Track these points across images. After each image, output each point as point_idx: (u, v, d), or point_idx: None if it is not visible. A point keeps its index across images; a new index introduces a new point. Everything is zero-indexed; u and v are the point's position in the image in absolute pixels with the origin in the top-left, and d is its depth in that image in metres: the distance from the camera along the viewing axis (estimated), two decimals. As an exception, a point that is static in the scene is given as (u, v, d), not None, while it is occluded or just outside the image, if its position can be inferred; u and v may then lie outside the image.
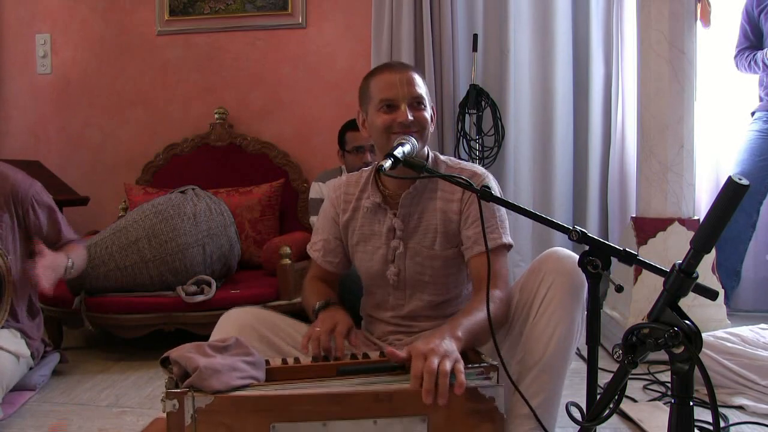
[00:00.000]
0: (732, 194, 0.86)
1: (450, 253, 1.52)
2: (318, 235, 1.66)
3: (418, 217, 1.53)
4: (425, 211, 1.52)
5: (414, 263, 1.53)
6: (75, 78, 3.52)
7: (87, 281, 2.39)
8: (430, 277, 1.54)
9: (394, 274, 1.54)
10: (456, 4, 3.08)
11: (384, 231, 1.55)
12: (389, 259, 1.55)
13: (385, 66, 1.54)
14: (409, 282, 1.55)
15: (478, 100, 3.00)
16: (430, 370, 1.10)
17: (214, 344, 1.25)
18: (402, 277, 1.55)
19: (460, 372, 1.12)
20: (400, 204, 1.52)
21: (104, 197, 3.39)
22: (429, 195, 1.52)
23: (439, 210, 1.51)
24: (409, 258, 1.53)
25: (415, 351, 1.15)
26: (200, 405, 1.13)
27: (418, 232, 1.53)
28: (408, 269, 1.54)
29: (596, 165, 3.12)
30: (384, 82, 1.46)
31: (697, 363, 0.88)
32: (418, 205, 1.52)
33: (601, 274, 1.06)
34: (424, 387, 1.10)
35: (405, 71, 1.48)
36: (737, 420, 1.73)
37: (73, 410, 1.91)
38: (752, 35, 2.83)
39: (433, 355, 1.12)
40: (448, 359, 1.13)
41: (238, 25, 3.36)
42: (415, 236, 1.53)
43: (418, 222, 1.53)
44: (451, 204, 1.50)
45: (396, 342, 1.58)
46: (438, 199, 1.52)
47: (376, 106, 1.46)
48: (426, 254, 1.52)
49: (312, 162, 3.31)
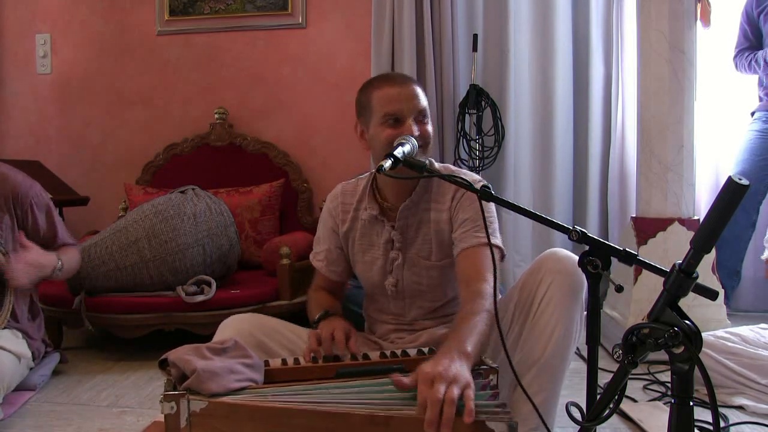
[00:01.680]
0: (732, 194, 0.86)
1: (446, 262, 1.52)
2: (320, 245, 1.66)
3: (416, 228, 1.53)
4: (422, 222, 1.52)
5: (411, 273, 1.54)
6: (75, 78, 3.52)
7: (87, 281, 2.39)
8: (427, 287, 1.55)
9: (392, 285, 1.55)
10: (456, 4, 3.07)
11: (382, 242, 1.55)
12: (387, 270, 1.55)
13: (387, 78, 1.53)
14: (408, 291, 1.56)
15: (478, 100, 3.00)
16: (434, 399, 1.01)
17: (213, 346, 1.25)
18: (400, 287, 1.55)
19: (469, 399, 1.03)
20: (398, 216, 1.52)
21: (104, 197, 3.39)
22: (424, 206, 1.52)
23: (432, 221, 1.51)
24: (407, 269, 1.54)
25: (422, 374, 1.07)
26: (195, 409, 1.12)
27: (416, 244, 1.53)
28: (405, 279, 1.54)
29: (596, 165, 3.12)
30: (388, 96, 1.44)
31: (697, 363, 0.88)
32: (414, 217, 1.52)
33: (601, 274, 1.06)
34: (427, 418, 1.01)
35: (408, 84, 1.46)
36: (737, 420, 1.73)
37: (73, 410, 1.91)
38: (752, 36, 2.83)
39: (440, 381, 1.03)
40: (457, 385, 1.04)
41: (238, 25, 3.36)
42: (413, 247, 1.53)
43: (415, 233, 1.53)
44: (441, 213, 1.50)
45: (398, 340, 1.58)
46: (432, 211, 1.52)
47: (379, 120, 1.44)
48: (423, 265, 1.53)
49: (312, 162, 3.31)
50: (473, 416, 1.01)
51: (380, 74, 1.54)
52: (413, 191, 1.51)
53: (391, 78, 1.54)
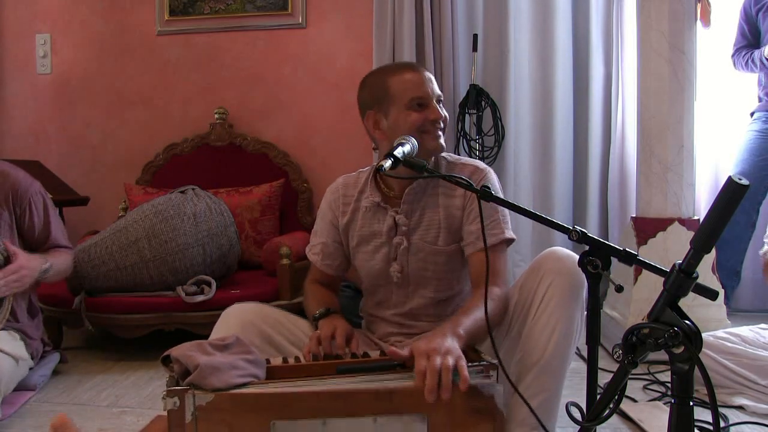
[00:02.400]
0: (732, 194, 0.86)
1: (453, 248, 1.53)
2: (316, 238, 1.66)
3: (421, 213, 1.53)
4: (428, 207, 1.53)
5: (417, 259, 1.54)
6: (75, 78, 3.52)
7: (87, 281, 2.39)
8: (432, 273, 1.55)
9: (397, 272, 1.55)
10: (456, 4, 3.07)
11: (385, 230, 1.55)
12: (392, 257, 1.55)
13: (404, 66, 1.57)
14: (413, 278, 1.56)
15: (478, 100, 3.00)
16: (432, 369, 1.11)
17: (215, 342, 1.26)
18: (405, 273, 1.55)
19: (463, 368, 1.13)
20: (403, 200, 1.53)
21: (104, 197, 3.38)
22: (431, 191, 1.53)
23: (441, 206, 1.52)
24: (412, 254, 1.54)
25: (417, 349, 1.16)
26: (201, 403, 1.13)
27: (421, 228, 1.53)
28: (411, 265, 1.54)
29: (596, 165, 3.12)
30: (411, 82, 1.47)
31: (697, 363, 0.88)
32: (420, 201, 1.53)
33: (601, 274, 1.06)
34: (427, 385, 1.10)
35: (424, 70, 1.52)
36: (737, 420, 1.73)
37: (73, 410, 1.90)
38: (750, 34, 2.83)
39: (435, 354, 1.13)
40: (451, 356, 1.13)
41: (238, 25, 3.36)
42: (418, 232, 1.53)
43: (420, 218, 1.53)
44: (454, 199, 1.51)
45: (396, 344, 1.57)
46: (440, 195, 1.53)
47: (405, 105, 1.46)
48: (429, 250, 1.53)
49: (312, 162, 3.31)
50: (468, 382, 1.12)
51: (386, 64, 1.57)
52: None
53: (407, 65, 1.60)
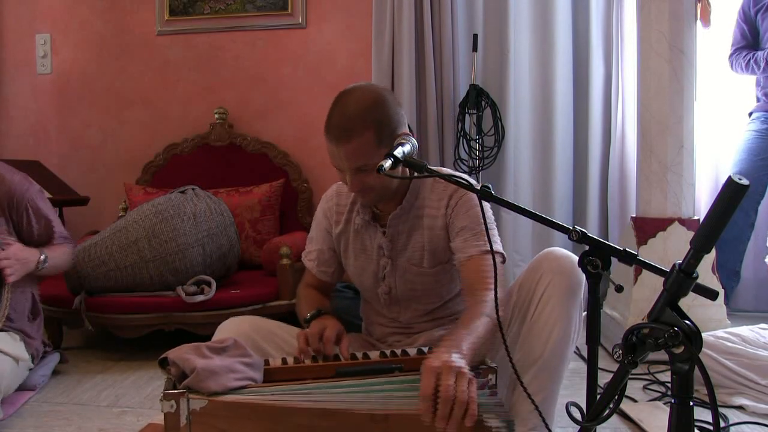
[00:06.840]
0: (732, 194, 0.86)
1: (439, 269, 1.51)
2: (312, 245, 1.65)
3: (407, 235, 1.50)
4: (413, 229, 1.50)
5: (404, 280, 1.52)
6: (75, 78, 3.52)
7: (87, 281, 2.39)
8: (422, 291, 1.53)
9: (384, 293, 1.54)
10: (456, 4, 3.07)
11: (375, 247, 1.53)
12: (380, 277, 1.54)
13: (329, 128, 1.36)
14: (402, 297, 1.55)
15: (478, 100, 3.00)
16: (446, 397, 1.03)
17: (212, 345, 1.25)
18: (393, 294, 1.54)
19: (473, 402, 1.05)
20: (388, 224, 1.50)
21: (104, 197, 3.39)
22: (416, 213, 1.49)
23: (425, 228, 1.49)
24: (398, 276, 1.52)
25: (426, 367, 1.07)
26: (195, 407, 1.13)
27: (407, 251, 1.51)
28: (399, 287, 1.53)
29: (596, 165, 3.12)
30: (330, 150, 1.37)
31: (697, 363, 0.88)
32: (405, 224, 1.50)
33: (601, 274, 1.06)
34: (439, 413, 1.03)
35: (342, 145, 1.33)
36: (737, 420, 1.73)
37: (73, 410, 1.91)
38: (749, 35, 2.83)
39: (448, 374, 1.05)
40: (463, 380, 1.06)
41: (238, 25, 3.36)
42: (404, 255, 1.51)
43: (406, 241, 1.51)
44: (436, 220, 1.47)
45: (395, 343, 1.58)
46: (425, 217, 1.49)
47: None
48: (415, 272, 1.51)
49: (312, 162, 3.31)
50: (475, 419, 1.04)
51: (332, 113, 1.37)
52: (404, 198, 1.48)
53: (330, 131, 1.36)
